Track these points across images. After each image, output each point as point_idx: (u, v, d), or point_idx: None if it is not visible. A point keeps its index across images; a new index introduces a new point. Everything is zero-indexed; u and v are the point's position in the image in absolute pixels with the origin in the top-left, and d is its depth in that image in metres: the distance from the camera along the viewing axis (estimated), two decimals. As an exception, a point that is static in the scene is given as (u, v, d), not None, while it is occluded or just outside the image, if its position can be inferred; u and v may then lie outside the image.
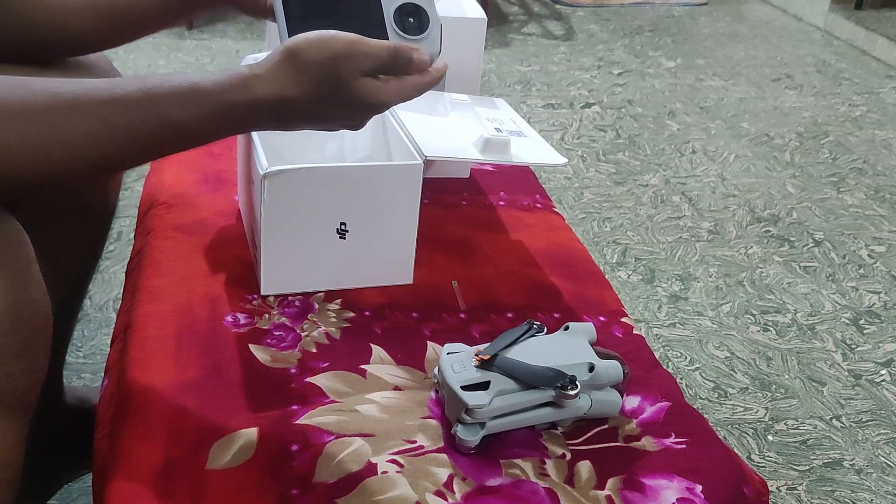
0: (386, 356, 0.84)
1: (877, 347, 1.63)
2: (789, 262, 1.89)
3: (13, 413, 0.63)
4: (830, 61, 3.21)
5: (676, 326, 1.65)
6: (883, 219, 2.10)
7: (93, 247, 1.09)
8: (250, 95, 0.67)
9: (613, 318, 0.92)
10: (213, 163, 1.14)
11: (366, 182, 0.87)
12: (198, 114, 0.66)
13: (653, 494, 0.71)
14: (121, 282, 1.59)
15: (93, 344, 1.49)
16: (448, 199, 1.11)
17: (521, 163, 0.93)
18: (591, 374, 0.75)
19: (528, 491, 0.70)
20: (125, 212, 1.82)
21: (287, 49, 0.68)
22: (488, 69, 2.92)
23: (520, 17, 3.55)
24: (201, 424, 0.74)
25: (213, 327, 0.85)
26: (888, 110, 2.77)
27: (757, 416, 1.43)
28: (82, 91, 0.63)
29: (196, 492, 0.68)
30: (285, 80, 0.68)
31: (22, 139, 0.60)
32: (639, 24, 3.55)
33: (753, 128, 2.58)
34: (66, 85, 0.63)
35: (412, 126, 0.92)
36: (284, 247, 0.88)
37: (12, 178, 0.60)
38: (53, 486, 1.18)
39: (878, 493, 1.30)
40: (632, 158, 2.33)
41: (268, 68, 0.68)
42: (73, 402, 1.18)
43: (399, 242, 0.92)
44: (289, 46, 0.68)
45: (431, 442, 0.74)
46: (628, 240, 1.93)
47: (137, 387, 0.77)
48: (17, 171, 0.60)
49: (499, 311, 0.92)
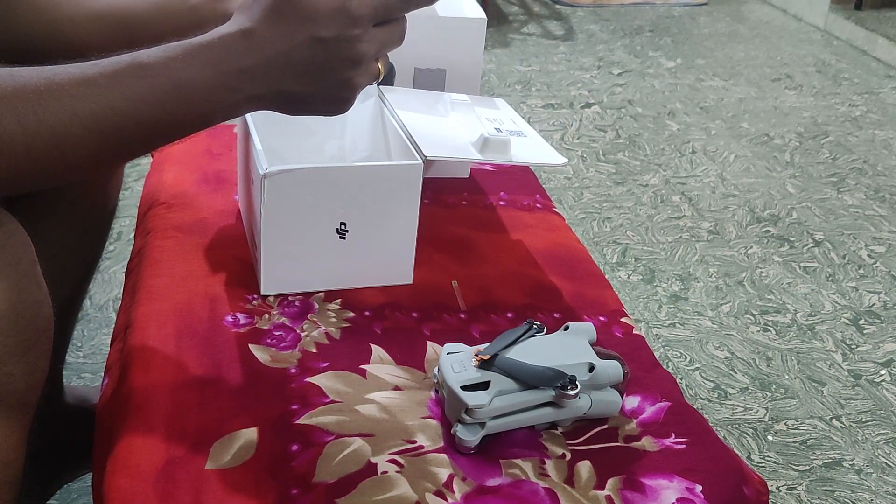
0: (386, 356, 0.84)
1: (877, 347, 1.63)
2: (789, 263, 1.89)
3: (14, 413, 0.63)
4: (830, 61, 3.21)
5: (676, 326, 1.65)
6: (883, 219, 2.10)
7: (93, 247, 1.09)
8: (213, 33, 0.67)
9: (613, 318, 0.92)
10: (213, 163, 1.14)
11: (366, 182, 0.87)
12: (171, 58, 0.65)
13: (653, 494, 0.71)
14: (121, 282, 1.59)
15: (93, 344, 1.49)
16: (448, 199, 1.11)
17: (521, 163, 0.93)
18: (591, 374, 0.75)
19: (528, 491, 0.70)
20: (125, 212, 1.82)
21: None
22: (488, 69, 2.92)
23: (520, 17, 3.55)
24: (201, 424, 0.74)
25: (213, 327, 0.85)
26: (888, 110, 2.77)
27: (757, 416, 1.43)
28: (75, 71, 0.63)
29: (196, 491, 0.68)
30: (237, 15, 0.68)
31: (39, 120, 0.59)
32: (639, 24, 3.55)
33: (753, 128, 2.58)
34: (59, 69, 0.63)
35: (412, 126, 0.92)
36: (284, 247, 0.88)
37: (15, 163, 0.60)
38: (53, 486, 1.18)
39: (878, 493, 1.30)
40: (632, 158, 2.33)
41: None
42: (73, 402, 1.18)
43: (399, 242, 0.92)
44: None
45: (431, 442, 0.74)
46: (628, 240, 1.93)
47: (137, 386, 0.77)
48: (23, 155, 0.60)
49: (499, 311, 0.92)
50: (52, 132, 0.60)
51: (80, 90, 0.61)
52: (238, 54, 0.66)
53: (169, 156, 1.15)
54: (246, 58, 0.67)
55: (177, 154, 1.15)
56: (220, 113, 0.68)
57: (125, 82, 0.63)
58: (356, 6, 0.68)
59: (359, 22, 0.69)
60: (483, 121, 0.97)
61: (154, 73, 0.64)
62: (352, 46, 0.69)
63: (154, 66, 0.64)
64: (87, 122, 0.61)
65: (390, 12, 0.71)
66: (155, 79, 0.64)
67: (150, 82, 0.64)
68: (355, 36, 0.69)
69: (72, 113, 0.61)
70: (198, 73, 0.65)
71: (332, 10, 0.68)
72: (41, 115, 0.59)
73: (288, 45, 0.67)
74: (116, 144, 0.64)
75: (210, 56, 0.66)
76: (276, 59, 0.67)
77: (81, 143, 0.62)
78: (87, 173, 0.68)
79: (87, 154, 0.63)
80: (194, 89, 0.65)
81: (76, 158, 0.63)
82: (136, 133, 0.65)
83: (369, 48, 0.70)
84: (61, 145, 0.61)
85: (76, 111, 0.61)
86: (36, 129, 0.59)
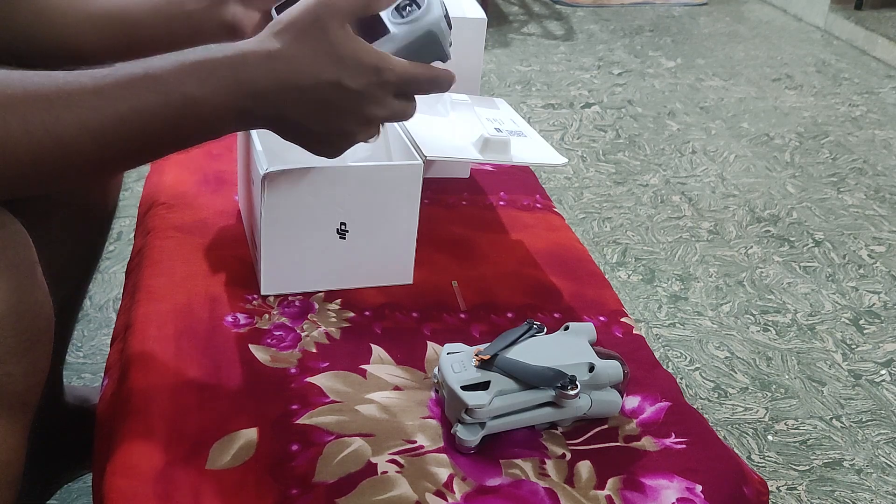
0: (386, 356, 0.84)
1: (877, 347, 1.63)
2: (789, 262, 1.89)
3: (15, 414, 0.63)
4: (830, 61, 3.21)
5: (676, 326, 1.65)
6: (883, 219, 2.10)
7: (93, 247, 1.09)
8: (236, 49, 0.66)
9: (613, 318, 0.92)
10: (213, 163, 1.14)
11: (366, 182, 0.87)
12: (179, 69, 0.64)
13: (653, 494, 0.71)
14: (121, 282, 1.59)
15: (93, 344, 1.49)
16: (448, 199, 1.11)
17: (521, 163, 0.93)
18: (591, 374, 0.75)
19: (528, 491, 0.70)
20: (125, 212, 1.82)
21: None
22: (488, 69, 2.93)
23: (520, 17, 3.55)
24: (201, 424, 0.74)
25: (213, 327, 0.85)
26: (888, 110, 2.77)
27: (757, 416, 1.43)
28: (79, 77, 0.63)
29: (196, 492, 0.68)
30: (267, 35, 0.68)
31: (46, 128, 0.59)
32: (639, 24, 3.55)
33: (753, 128, 2.58)
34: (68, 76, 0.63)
35: (412, 126, 0.92)
36: (284, 247, 0.88)
37: (18, 165, 0.60)
38: (53, 486, 1.18)
39: (878, 493, 1.30)
40: (632, 158, 2.33)
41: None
42: (73, 402, 1.18)
43: (399, 242, 0.92)
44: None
45: (431, 442, 0.74)
46: (628, 240, 1.93)
47: (137, 387, 0.77)
48: (25, 156, 0.60)
49: (499, 311, 0.92)
50: (58, 141, 0.60)
51: (90, 101, 0.61)
52: (256, 76, 0.66)
53: (169, 157, 1.15)
54: (263, 80, 0.66)
55: (177, 155, 1.15)
56: (226, 130, 0.69)
57: (137, 95, 0.63)
58: (388, 70, 0.69)
59: (385, 86, 0.70)
60: (483, 121, 0.97)
61: (167, 89, 0.64)
62: (368, 105, 0.70)
63: (167, 80, 0.64)
64: (95, 133, 0.61)
65: (413, 89, 0.73)
66: (168, 95, 0.64)
67: (162, 98, 0.63)
68: (376, 98, 0.70)
69: (80, 123, 0.61)
70: (211, 93, 0.65)
71: (365, 64, 0.68)
72: (48, 124, 0.59)
73: (309, 81, 0.67)
74: (122, 155, 0.65)
75: (227, 75, 0.65)
76: (292, 90, 0.67)
77: (87, 153, 0.62)
78: (90, 180, 0.69)
79: (91, 163, 0.63)
80: (205, 107, 0.65)
81: (81, 167, 0.63)
82: (142, 145, 0.65)
83: (381, 113, 0.71)
84: (67, 154, 0.61)
85: (84, 122, 0.61)
86: (42, 137, 0.59)
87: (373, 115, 0.71)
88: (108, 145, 0.62)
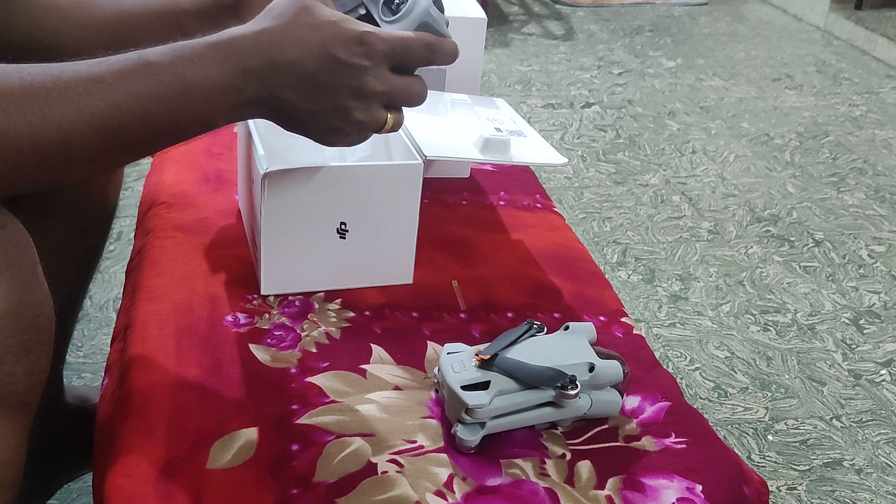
0: (386, 356, 0.84)
1: (877, 347, 1.63)
2: (789, 262, 1.89)
3: (15, 414, 0.63)
4: (830, 61, 3.21)
5: (676, 326, 1.65)
6: (883, 219, 2.10)
7: (93, 247, 1.09)
8: (226, 33, 0.67)
9: (613, 318, 0.93)
10: (214, 162, 1.14)
11: (366, 182, 0.87)
12: (175, 55, 0.65)
13: (653, 494, 0.71)
14: (121, 282, 1.59)
15: (93, 344, 1.49)
16: (448, 199, 1.11)
17: (521, 163, 0.93)
18: (591, 374, 0.76)
19: (528, 491, 0.70)
20: (125, 212, 1.82)
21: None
22: (488, 69, 2.93)
23: (520, 17, 3.55)
24: (201, 424, 0.74)
25: (213, 327, 0.85)
26: (888, 110, 2.77)
27: (757, 416, 1.43)
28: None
29: (196, 491, 0.68)
30: (255, 20, 0.69)
31: (45, 117, 0.59)
32: (639, 24, 3.55)
33: (753, 128, 2.58)
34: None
35: (412, 126, 0.92)
36: (284, 247, 0.88)
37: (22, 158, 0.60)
38: (53, 486, 1.18)
39: (878, 493, 1.30)
40: (632, 158, 2.33)
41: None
42: (73, 402, 1.18)
43: (399, 242, 0.92)
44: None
45: (431, 442, 0.74)
46: (628, 240, 1.93)
47: (137, 386, 0.77)
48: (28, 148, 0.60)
49: (499, 311, 0.92)
50: (58, 129, 0.60)
51: (86, 88, 0.62)
52: (244, 54, 0.67)
53: (169, 156, 1.15)
54: (251, 58, 0.67)
55: (177, 154, 1.15)
56: (221, 114, 0.68)
57: (132, 80, 0.63)
58: (374, 39, 0.69)
59: (372, 54, 0.69)
60: (483, 121, 0.97)
61: (160, 72, 0.64)
62: (359, 75, 0.69)
63: (161, 64, 0.64)
64: (93, 119, 0.62)
65: (409, 57, 0.72)
66: (161, 77, 0.64)
67: (156, 80, 0.64)
68: (365, 67, 0.69)
69: (78, 110, 0.61)
70: (202, 73, 0.65)
71: (350, 34, 0.69)
72: (47, 113, 0.60)
73: (297, 54, 0.68)
74: (121, 143, 0.65)
75: (216, 55, 0.66)
76: (282, 65, 0.67)
77: (87, 141, 0.62)
78: (91, 172, 0.69)
79: (92, 152, 0.63)
80: (198, 88, 0.65)
81: (81, 157, 0.63)
82: (141, 132, 0.65)
83: (376, 85, 0.70)
84: (67, 143, 0.61)
85: (82, 109, 0.61)
86: (42, 126, 0.60)
87: (367, 87, 0.70)
88: (107, 132, 0.63)
